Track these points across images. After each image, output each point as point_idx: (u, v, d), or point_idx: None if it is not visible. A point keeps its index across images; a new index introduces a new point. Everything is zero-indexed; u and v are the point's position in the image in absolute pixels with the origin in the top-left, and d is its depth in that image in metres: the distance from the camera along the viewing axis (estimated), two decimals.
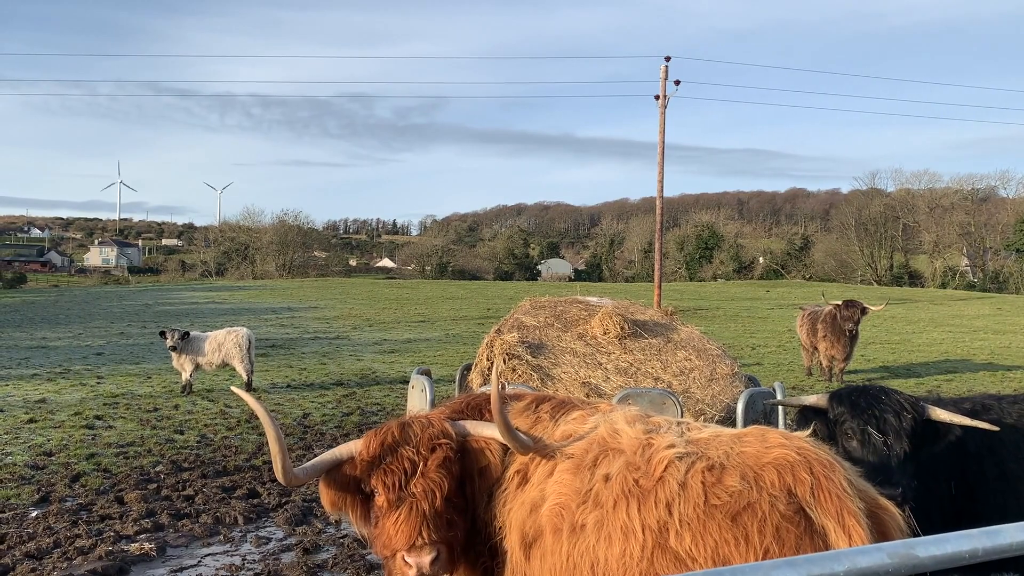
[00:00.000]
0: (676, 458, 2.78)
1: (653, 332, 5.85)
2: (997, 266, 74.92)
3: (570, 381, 5.21)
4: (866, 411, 4.06)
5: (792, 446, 2.71)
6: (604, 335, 5.68)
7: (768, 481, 2.62)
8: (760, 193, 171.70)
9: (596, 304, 6.16)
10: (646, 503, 2.72)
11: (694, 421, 3.20)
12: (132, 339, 23.95)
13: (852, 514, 2.56)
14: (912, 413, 4.01)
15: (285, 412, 12.92)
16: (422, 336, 25.64)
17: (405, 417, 3.53)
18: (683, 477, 2.71)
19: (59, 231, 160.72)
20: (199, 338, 14.99)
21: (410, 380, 5.14)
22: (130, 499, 7.74)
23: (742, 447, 2.77)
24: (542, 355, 5.40)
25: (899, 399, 4.08)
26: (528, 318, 5.85)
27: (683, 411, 4.65)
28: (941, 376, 17.75)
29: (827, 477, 2.62)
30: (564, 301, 6.22)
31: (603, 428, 3.13)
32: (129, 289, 55.12)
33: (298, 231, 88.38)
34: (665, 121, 35.52)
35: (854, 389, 4.30)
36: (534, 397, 3.62)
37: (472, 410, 3.67)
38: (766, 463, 2.67)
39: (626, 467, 2.86)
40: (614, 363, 5.41)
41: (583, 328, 5.79)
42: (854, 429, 4.06)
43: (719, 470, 2.69)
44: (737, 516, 2.58)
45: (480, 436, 3.34)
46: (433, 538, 3.11)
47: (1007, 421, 4.40)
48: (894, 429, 3.98)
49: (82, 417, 12.13)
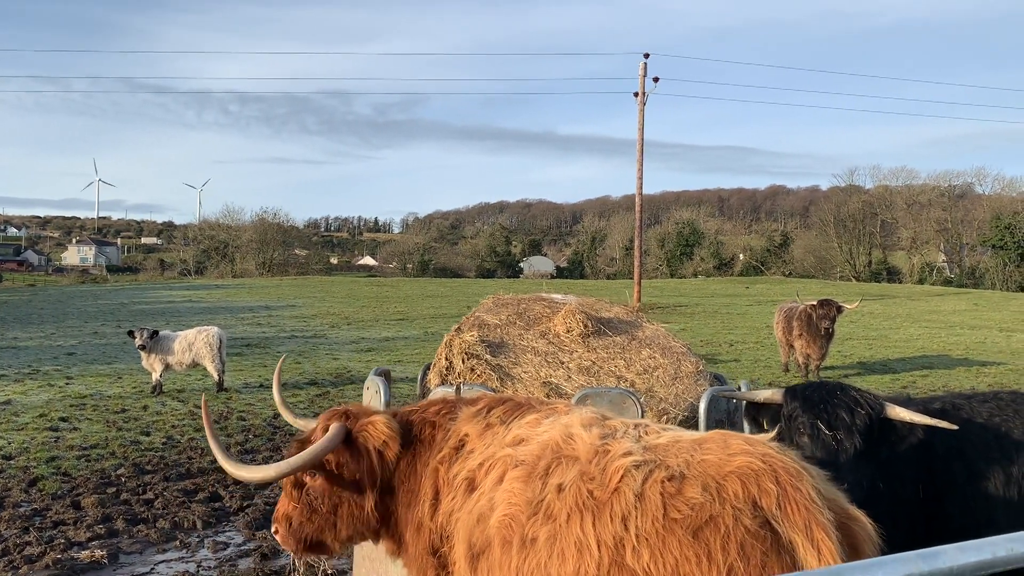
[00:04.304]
0: (633, 467, 2.62)
1: (617, 330, 5.73)
2: (974, 262, 75.64)
3: (530, 381, 5.07)
4: (818, 406, 3.95)
5: (756, 453, 2.55)
6: (567, 333, 5.55)
7: (731, 492, 2.46)
8: (741, 190, 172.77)
9: (560, 301, 6.03)
10: (601, 517, 2.56)
11: (654, 423, 3.05)
12: (105, 339, 23.59)
13: (821, 527, 2.41)
14: (866, 410, 3.90)
15: (255, 412, 12.72)
16: (400, 334, 25.45)
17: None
18: (640, 488, 2.55)
19: (36, 230, 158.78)
20: (169, 337, 14.73)
21: (366, 381, 4.99)
22: (87, 504, 7.53)
23: (703, 454, 2.61)
24: (502, 354, 5.27)
25: (855, 395, 3.97)
26: (489, 316, 5.71)
27: (644, 411, 4.53)
28: (917, 372, 17.80)
29: (794, 487, 2.46)
30: (527, 298, 6.09)
31: (556, 433, 2.98)
32: (105, 288, 54.44)
33: (278, 229, 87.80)
34: (644, 118, 35.51)
35: (809, 384, 4.20)
36: (487, 401, 3.48)
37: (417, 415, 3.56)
38: (729, 472, 2.52)
39: (580, 477, 2.70)
40: (576, 362, 5.28)
41: (546, 326, 5.66)
42: (805, 424, 3.95)
43: (679, 480, 2.53)
44: (699, 531, 2.42)
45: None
46: (277, 516, 3.63)
47: (977, 420, 4.30)
48: (845, 425, 3.87)
49: (47, 419, 11.88)
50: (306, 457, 3.39)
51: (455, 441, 3.31)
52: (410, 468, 3.44)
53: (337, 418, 3.58)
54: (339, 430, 3.49)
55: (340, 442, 3.47)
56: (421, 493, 3.33)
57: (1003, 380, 16.57)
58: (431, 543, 3.28)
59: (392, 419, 3.54)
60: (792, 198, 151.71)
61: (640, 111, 35.36)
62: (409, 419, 3.57)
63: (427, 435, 3.48)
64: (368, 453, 3.46)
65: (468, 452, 3.24)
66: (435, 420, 3.50)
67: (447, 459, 3.28)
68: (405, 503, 3.43)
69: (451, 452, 3.29)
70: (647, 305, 37.12)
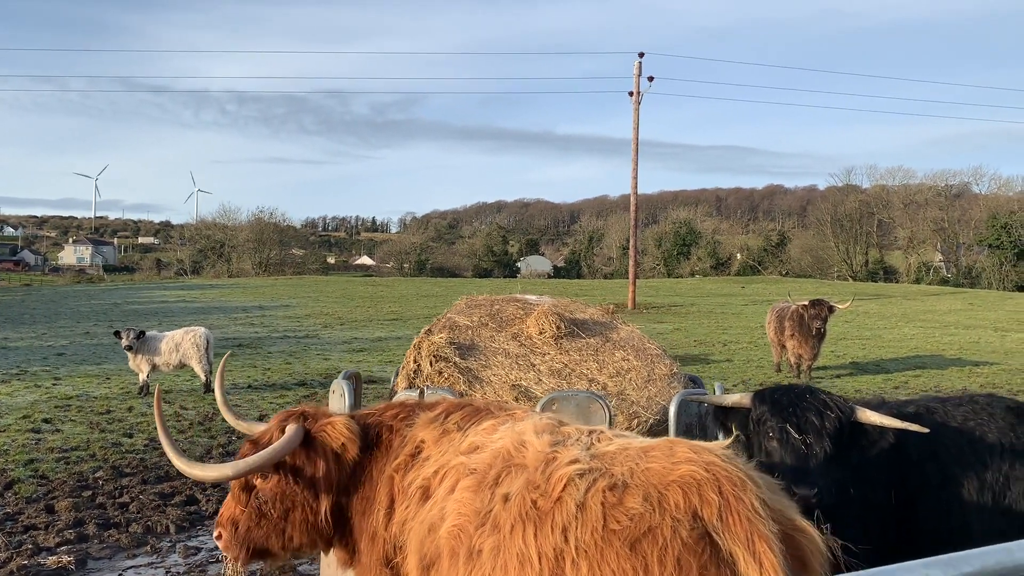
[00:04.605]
0: (577, 475, 2.54)
1: (591, 331, 5.63)
2: (970, 261, 75.65)
3: (500, 384, 4.98)
4: (786, 409, 3.86)
5: (701, 461, 2.47)
6: (540, 335, 5.45)
7: (672, 502, 2.38)
8: (738, 190, 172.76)
9: (534, 302, 5.94)
10: (543, 527, 2.48)
11: (609, 429, 2.95)
12: (96, 339, 23.47)
13: (763, 538, 2.32)
14: (836, 413, 3.82)
15: (242, 414, 12.55)
16: (393, 334, 25.35)
17: None
18: (582, 497, 2.47)
19: (33, 229, 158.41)
20: (155, 338, 14.63)
21: (332, 384, 4.90)
22: (60, 508, 7.44)
23: (648, 462, 2.53)
24: (472, 357, 5.17)
25: (824, 398, 3.89)
26: (461, 317, 5.62)
27: (612, 415, 4.45)
28: (910, 372, 17.73)
29: (737, 497, 2.38)
30: (501, 299, 5.99)
31: (509, 440, 2.89)
32: (99, 288, 54.26)
33: (275, 228, 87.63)
34: (639, 117, 35.43)
35: (778, 388, 4.11)
36: (446, 406, 3.39)
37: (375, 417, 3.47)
38: (671, 481, 2.43)
39: (526, 486, 2.62)
40: (548, 364, 5.19)
41: (518, 327, 5.56)
42: (774, 428, 3.87)
43: (621, 489, 2.45)
44: (636, 543, 2.33)
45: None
46: (220, 520, 3.52)
47: (952, 424, 4.22)
48: (815, 428, 3.78)
49: (30, 420, 11.78)
50: (265, 456, 3.30)
51: (411, 448, 3.23)
52: (366, 474, 3.35)
53: (294, 419, 3.48)
54: (298, 430, 3.39)
55: (299, 443, 3.38)
56: (376, 501, 3.25)
57: (995, 380, 16.50)
58: (385, 553, 3.20)
59: (352, 421, 3.45)
60: (790, 198, 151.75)
61: (635, 110, 35.28)
62: (366, 422, 3.48)
63: (384, 440, 3.39)
64: (326, 455, 3.37)
65: (424, 459, 3.16)
66: (392, 424, 3.42)
67: (402, 466, 3.20)
68: (360, 510, 3.34)
69: (407, 459, 3.21)
70: (642, 305, 37.06)
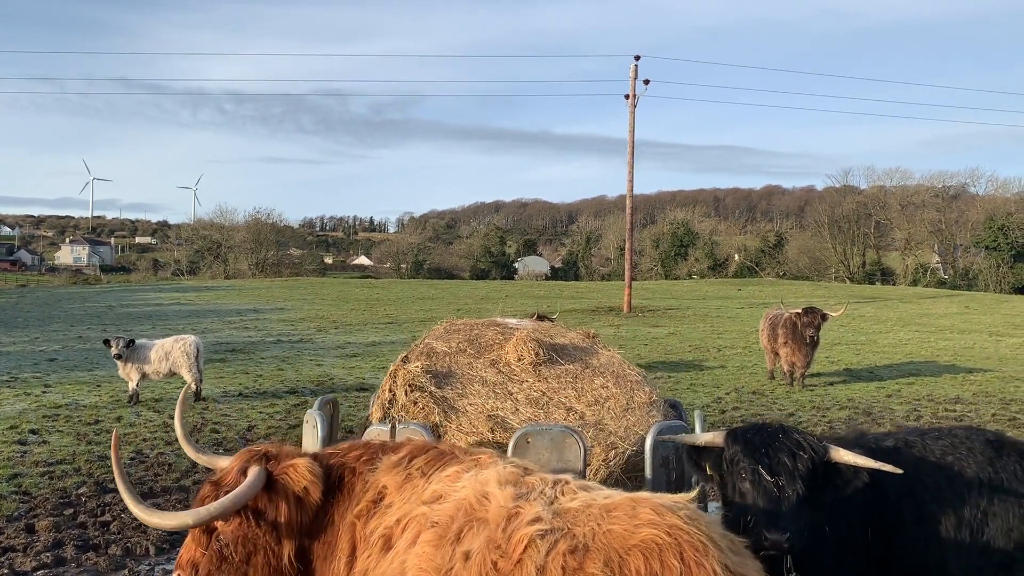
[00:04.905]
0: (538, 536, 2.49)
1: (571, 357, 5.57)
2: (967, 263, 75.67)
3: (476, 414, 4.92)
4: (759, 450, 3.82)
5: (663, 524, 2.42)
6: (518, 361, 5.39)
7: (633, 568, 2.34)
8: (736, 190, 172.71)
9: (514, 327, 5.88)
10: None
11: (575, 480, 2.90)
12: (89, 343, 23.38)
13: None
14: (809, 454, 3.76)
15: (230, 424, 12.56)
16: (387, 339, 25.29)
17: None
18: (543, 560, 2.42)
19: (30, 229, 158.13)
20: (145, 346, 14.56)
21: (306, 415, 4.84)
22: (41, 527, 7.36)
23: (610, 523, 2.49)
24: (448, 385, 5.11)
25: (797, 438, 3.83)
26: (439, 343, 5.55)
27: (587, 448, 4.40)
28: (903, 379, 17.69)
29: (698, 563, 2.34)
30: (481, 324, 5.93)
31: (472, 491, 2.85)
32: (94, 290, 54.16)
33: (272, 229, 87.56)
34: (635, 121, 35.38)
35: (752, 427, 4.05)
36: (409, 450, 3.34)
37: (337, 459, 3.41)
38: (632, 546, 2.39)
39: (487, 545, 2.57)
40: (525, 393, 5.13)
41: (497, 353, 5.50)
42: (746, 469, 3.82)
43: (582, 553, 2.41)
44: None
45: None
46: (180, 562, 3.48)
47: (930, 459, 4.16)
48: (787, 470, 3.73)
49: (16, 431, 11.71)
50: (225, 504, 3.24)
51: (373, 494, 3.18)
52: (328, 518, 3.30)
53: (256, 460, 3.43)
54: (259, 474, 3.34)
55: (261, 487, 3.33)
56: (338, 548, 3.20)
57: (989, 388, 16.46)
58: None
59: (314, 463, 3.40)
60: (788, 198, 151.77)
61: (631, 114, 35.23)
62: (329, 463, 3.43)
63: (347, 483, 3.34)
64: (288, 498, 3.32)
65: (386, 506, 3.11)
66: (355, 467, 3.37)
67: (365, 512, 3.15)
68: (321, 556, 3.29)
69: (369, 505, 3.16)
70: (638, 308, 37.03)
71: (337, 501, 3.31)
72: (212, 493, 3.38)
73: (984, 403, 14.82)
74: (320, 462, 3.41)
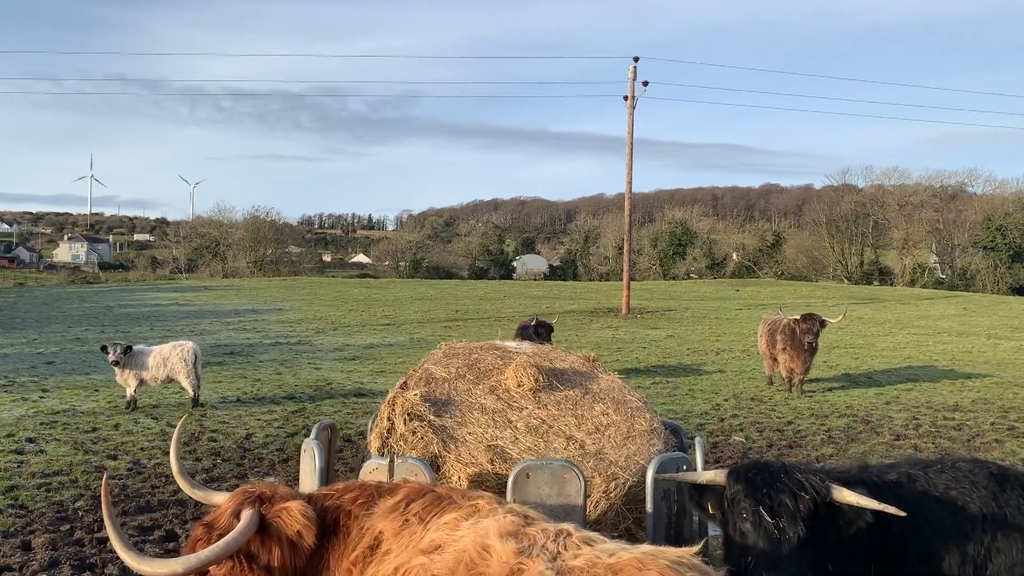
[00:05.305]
0: None
1: (571, 383, 5.53)
2: (965, 263, 75.69)
3: (475, 443, 4.87)
4: (760, 490, 3.76)
5: None
6: (518, 388, 5.34)
7: None
8: (734, 188, 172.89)
9: (514, 351, 5.83)
10: None
11: (577, 531, 2.85)
12: (87, 345, 23.32)
13: None
14: (811, 495, 3.71)
15: (228, 432, 12.52)
16: (385, 341, 25.26)
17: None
18: None
19: (28, 226, 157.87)
20: (143, 352, 14.51)
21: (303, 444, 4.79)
22: (37, 544, 7.32)
23: None
24: (447, 413, 5.06)
25: (800, 479, 3.78)
26: (438, 368, 5.50)
27: (587, 482, 4.36)
28: (902, 385, 17.67)
29: None
30: (480, 348, 5.88)
31: (471, 543, 2.80)
32: (92, 290, 54.06)
33: (271, 226, 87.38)
34: (634, 122, 35.33)
35: (753, 465, 4.01)
36: (406, 493, 3.30)
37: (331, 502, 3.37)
38: None
39: None
40: (525, 420, 5.08)
41: (496, 379, 5.44)
42: (747, 510, 3.78)
43: None
44: None
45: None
46: None
47: (933, 494, 4.13)
48: (788, 512, 3.68)
49: (14, 440, 11.66)
50: (216, 551, 3.21)
51: (370, 539, 3.14)
52: (323, 563, 3.27)
53: (250, 503, 3.39)
54: (252, 518, 3.30)
55: (254, 532, 3.29)
56: None
57: (987, 395, 16.44)
58: None
59: (308, 506, 3.36)
60: (786, 196, 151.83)
61: (629, 115, 35.17)
62: (324, 506, 3.39)
63: (342, 526, 3.30)
64: (281, 542, 3.29)
65: (383, 553, 3.07)
66: (351, 510, 3.33)
67: (360, 559, 3.11)
68: None
69: (365, 551, 3.12)
70: (636, 310, 37.00)
71: (332, 545, 3.28)
72: (205, 536, 3.35)
73: (983, 410, 14.80)
74: (315, 504, 3.37)
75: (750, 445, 11.96)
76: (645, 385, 16.97)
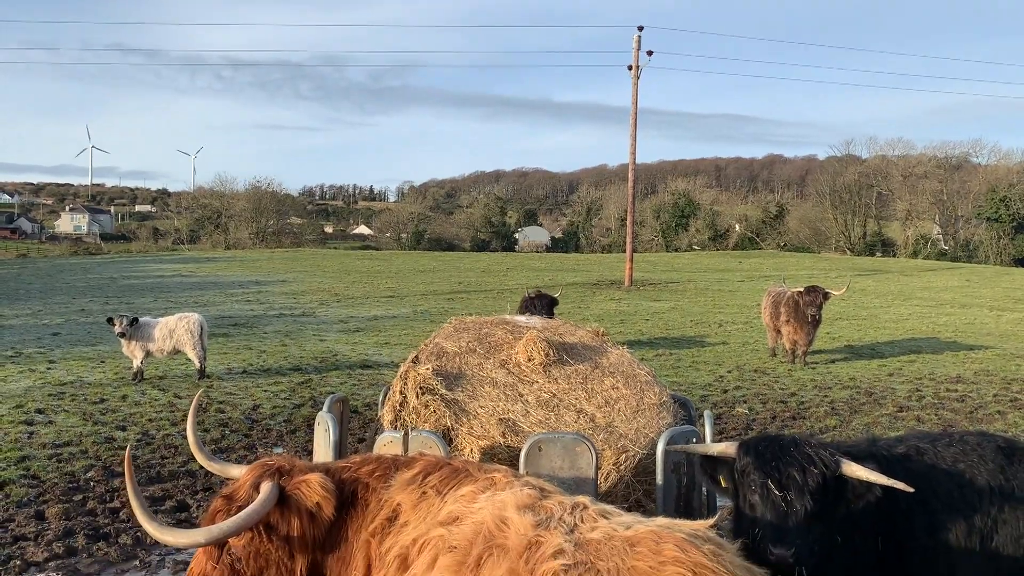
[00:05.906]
0: (562, 571, 2.48)
1: (581, 357, 5.57)
2: (968, 234, 75.53)
3: (487, 417, 4.93)
4: (769, 463, 3.80)
5: (688, 563, 2.41)
6: (528, 362, 5.38)
7: None
8: (738, 159, 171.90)
9: (524, 325, 5.87)
10: None
11: (593, 504, 2.89)
12: (92, 316, 23.42)
13: None
14: (820, 468, 3.75)
15: (235, 403, 12.61)
16: (389, 313, 25.32)
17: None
18: None
19: (30, 197, 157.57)
20: (149, 324, 14.57)
21: (317, 417, 4.84)
22: (51, 514, 7.41)
23: (634, 559, 2.47)
24: (459, 387, 5.11)
25: (809, 452, 3.81)
26: (449, 343, 5.55)
27: (599, 455, 4.42)
28: (904, 357, 17.74)
29: None
30: (489, 322, 5.91)
31: (489, 515, 2.84)
32: (95, 261, 54.09)
33: (272, 197, 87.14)
34: (638, 91, 35.09)
35: (764, 439, 4.04)
36: (423, 466, 3.34)
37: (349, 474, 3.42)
38: None
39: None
40: (536, 394, 5.13)
41: (507, 353, 5.49)
42: (755, 482, 3.82)
43: None
44: None
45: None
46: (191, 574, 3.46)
47: (941, 467, 4.17)
48: (796, 485, 3.71)
49: (23, 411, 11.75)
50: (238, 523, 3.25)
51: (388, 511, 3.19)
52: (341, 534, 3.32)
53: (269, 475, 3.43)
54: (272, 490, 3.35)
55: (274, 503, 3.34)
56: (352, 565, 3.21)
57: (990, 367, 16.51)
58: None
59: (327, 478, 3.41)
60: (789, 167, 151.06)
61: (634, 85, 34.92)
62: (342, 478, 3.43)
63: (360, 499, 3.35)
64: (300, 513, 3.33)
65: (402, 525, 3.12)
66: (369, 483, 3.37)
67: (379, 531, 3.16)
68: (335, 572, 3.31)
69: (384, 523, 3.17)
70: (639, 282, 37.02)
71: (351, 517, 3.32)
72: (224, 508, 3.39)
73: (985, 382, 14.88)
74: (333, 477, 3.42)
75: (753, 416, 12.04)
76: (648, 357, 17.04)
